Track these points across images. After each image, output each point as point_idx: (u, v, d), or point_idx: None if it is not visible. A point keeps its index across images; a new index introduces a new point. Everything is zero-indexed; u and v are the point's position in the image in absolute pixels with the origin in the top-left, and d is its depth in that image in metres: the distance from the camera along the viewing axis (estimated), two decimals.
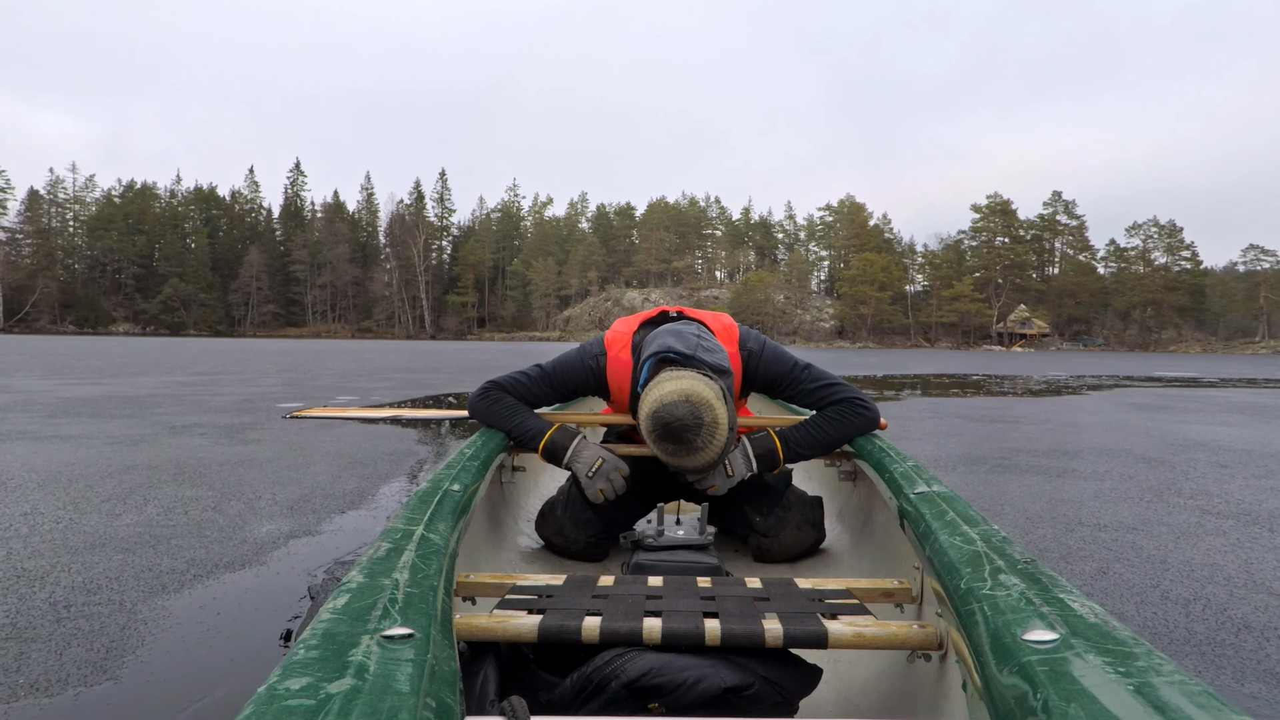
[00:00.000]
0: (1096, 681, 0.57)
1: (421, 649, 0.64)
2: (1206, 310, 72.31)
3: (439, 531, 1.02)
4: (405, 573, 0.83)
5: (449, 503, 1.17)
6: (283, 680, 0.57)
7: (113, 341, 41.98)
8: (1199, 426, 6.75)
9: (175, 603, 2.03)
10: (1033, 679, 0.60)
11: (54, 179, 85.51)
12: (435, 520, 1.06)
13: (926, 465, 4.44)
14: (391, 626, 0.68)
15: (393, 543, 0.94)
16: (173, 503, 3.18)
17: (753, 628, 0.97)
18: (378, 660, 0.61)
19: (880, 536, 1.65)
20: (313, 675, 0.58)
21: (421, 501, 1.15)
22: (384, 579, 0.80)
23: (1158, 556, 2.58)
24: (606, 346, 1.79)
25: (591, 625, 0.98)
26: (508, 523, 1.96)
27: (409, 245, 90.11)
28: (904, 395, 10.36)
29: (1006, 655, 0.66)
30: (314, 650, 0.63)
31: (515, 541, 1.89)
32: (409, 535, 0.97)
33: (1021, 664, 0.63)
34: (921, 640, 0.99)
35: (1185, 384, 14.32)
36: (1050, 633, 0.67)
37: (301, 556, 2.47)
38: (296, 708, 0.53)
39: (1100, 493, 3.69)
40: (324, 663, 0.60)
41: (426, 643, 0.66)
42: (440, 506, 1.13)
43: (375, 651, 0.63)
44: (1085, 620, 0.69)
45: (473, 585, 1.21)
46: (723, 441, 1.47)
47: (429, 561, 0.89)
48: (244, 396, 8.46)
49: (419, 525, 1.02)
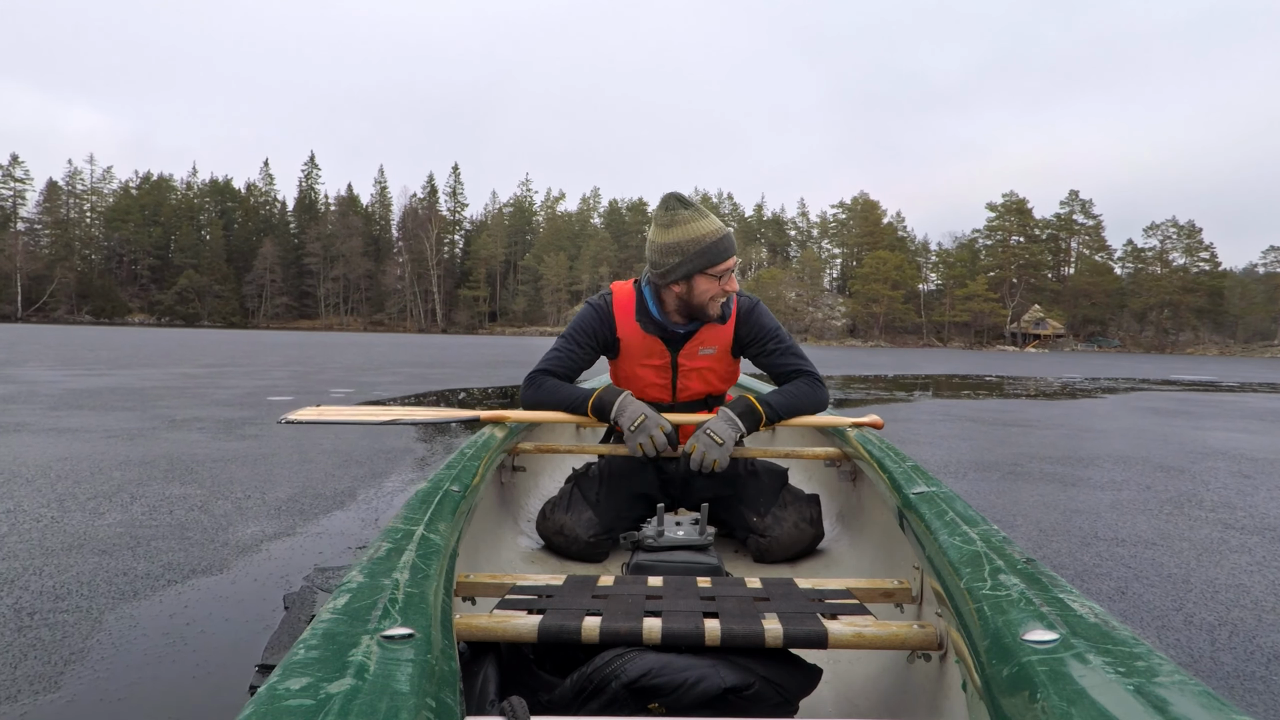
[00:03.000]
0: (1096, 681, 0.57)
1: (421, 649, 0.64)
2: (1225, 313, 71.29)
3: (439, 531, 1.02)
4: (405, 573, 0.83)
5: (449, 503, 1.17)
6: (283, 680, 0.57)
7: (127, 332, 42.33)
8: (1219, 433, 6.57)
9: (144, 611, 1.94)
10: (1032, 679, 0.59)
11: (72, 170, 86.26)
12: (435, 520, 1.06)
13: (937, 471, 4.34)
14: (391, 626, 0.68)
15: (393, 543, 0.94)
16: (159, 501, 3.11)
17: (753, 628, 0.97)
18: (378, 660, 0.61)
19: (880, 536, 1.64)
20: (313, 675, 0.58)
21: (421, 501, 1.15)
22: (384, 579, 0.80)
23: (1179, 576, 2.45)
24: (612, 290, 1.93)
25: (591, 625, 0.97)
26: (508, 523, 1.94)
27: (421, 239, 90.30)
28: (916, 396, 10.20)
29: (1006, 655, 0.65)
30: (314, 650, 0.62)
31: (515, 541, 1.88)
32: (409, 535, 0.97)
33: (1021, 664, 0.62)
34: (921, 640, 0.98)
35: (1203, 388, 14.06)
36: (1050, 633, 0.66)
37: (282, 561, 2.38)
38: (296, 708, 0.53)
39: (1117, 503, 3.55)
40: (324, 663, 0.60)
41: (426, 643, 0.66)
42: (440, 506, 1.13)
43: (375, 651, 0.62)
44: (1085, 620, 0.68)
45: (473, 585, 1.20)
46: (719, 226, 1.73)
47: (429, 561, 0.89)
48: (248, 390, 8.43)
49: (419, 525, 1.02)
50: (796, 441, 2.56)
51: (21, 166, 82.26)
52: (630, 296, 1.89)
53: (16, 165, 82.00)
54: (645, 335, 1.86)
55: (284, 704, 0.53)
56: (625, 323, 1.87)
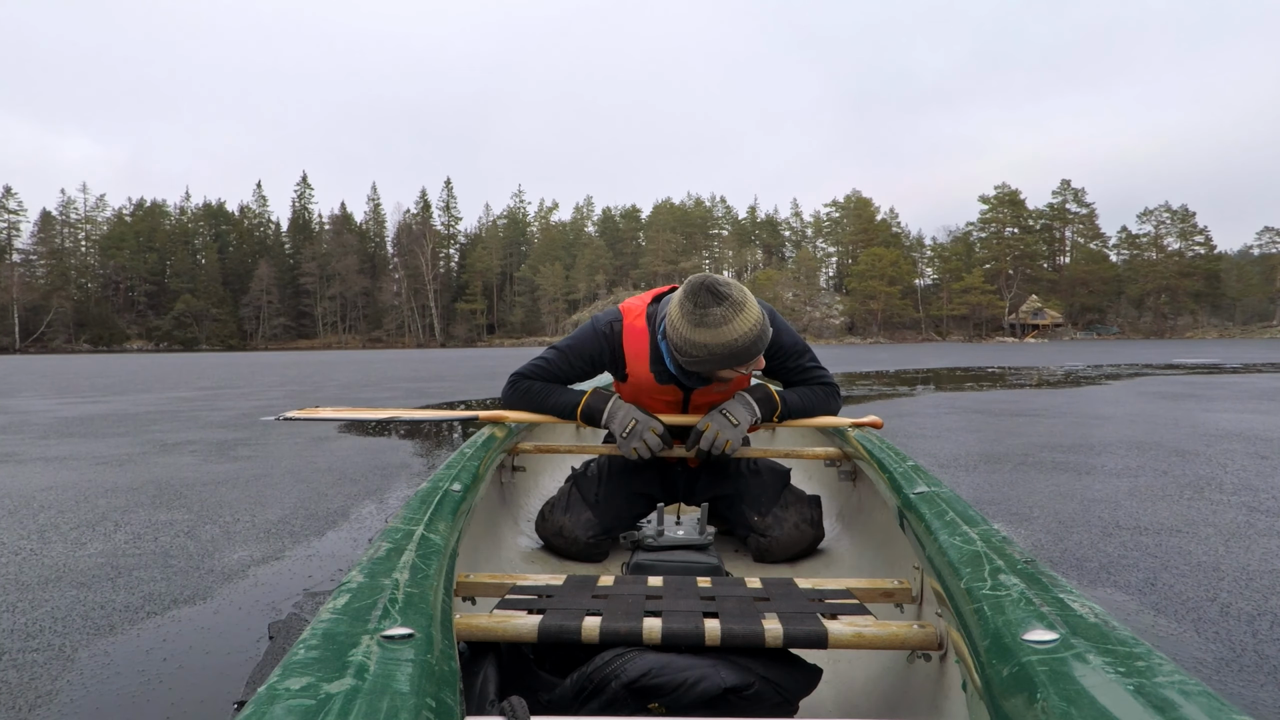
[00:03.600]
0: (1096, 681, 0.57)
1: (421, 649, 0.64)
2: (1222, 295, 71.28)
3: (439, 531, 1.02)
4: (405, 573, 0.83)
5: (449, 503, 1.17)
6: (283, 680, 0.57)
7: (125, 359, 42.20)
8: (1229, 415, 6.46)
9: (120, 647, 1.83)
10: (1032, 679, 0.59)
11: (65, 200, 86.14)
12: (435, 520, 1.06)
13: (945, 464, 4.23)
14: (391, 626, 0.67)
15: (393, 543, 0.94)
16: (144, 529, 2.99)
17: (753, 628, 0.97)
18: (378, 660, 0.61)
19: (880, 536, 1.64)
20: (313, 675, 0.57)
21: (421, 501, 1.14)
22: (384, 579, 0.80)
23: (1209, 563, 2.34)
24: (623, 313, 1.77)
25: (591, 625, 0.97)
26: (508, 523, 1.94)
27: (417, 254, 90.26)
28: (918, 390, 10.09)
29: (1006, 655, 0.65)
30: (314, 650, 0.62)
31: (515, 541, 1.87)
32: (409, 535, 0.97)
33: (1021, 664, 0.62)
34: (921, 640, 0.98)
35: (1207, 370, 13.96)
36: (1050, 633, 0.66)
37: (269, 588, 2.27)
38: (296, 708, 0.53)
39: (1135, 490, 3.44)
40: (324, 663, 0.60)
41: (426, 643, 0.65)
42: (440, 506, 1.13)
43: (375, 651, 0.62)
44: (1085, 620, 0.68)
45: (473, 585, 1.20)
46: (753, 326, 1.52)
47: (429, 561, 0.89)
48: (243, 411, 8.32)
49: (419, 525, 1.02)
50: (797, 441, 2.56)
51: (15, 198, 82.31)
52: (644, 337, 1.75)
53: (10, 197, 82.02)
54: (656, 382, 1.76)
55: (284, 704, 0.53)
56: (636, 364, 1.76)
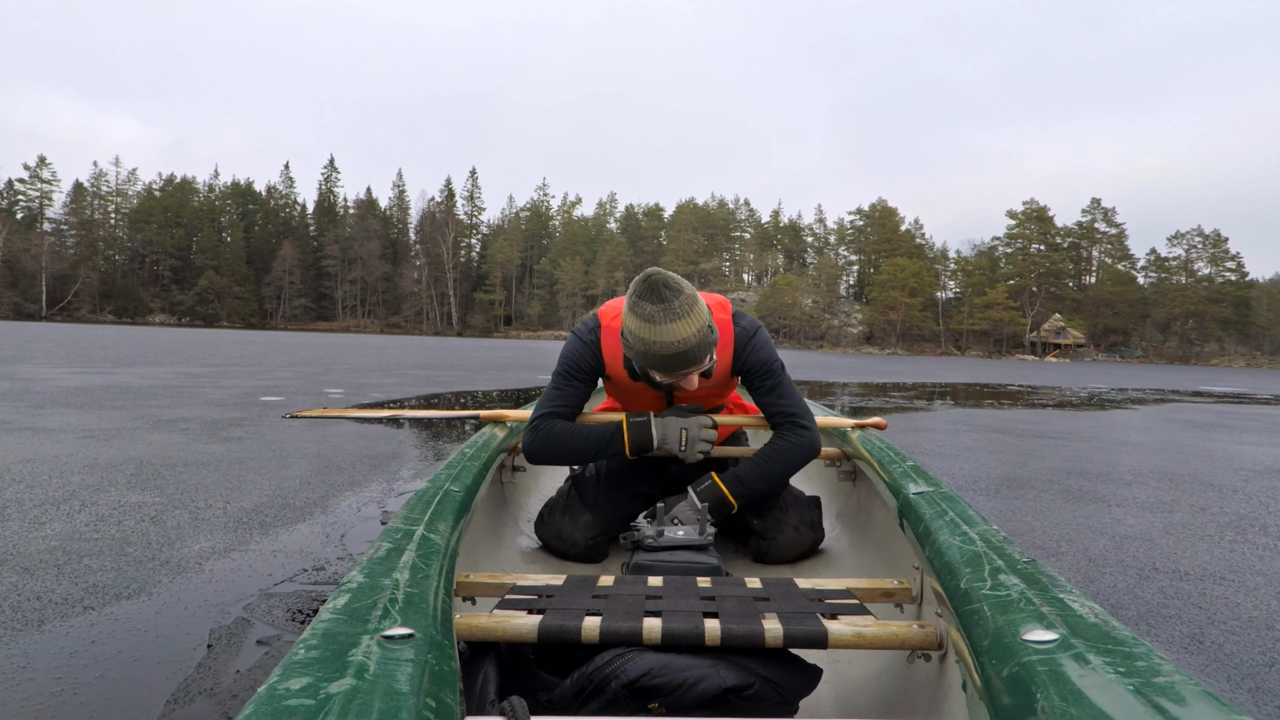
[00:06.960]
0: (1096, 682, 0.57)
1: (421, 649, 0.64)
2: (1251, 323, 69.66)
3: (439, 531, 1.01)
4: (405, 573, 0.83)
5: (449, 503, 1.16)
6: (283, 680, 0.56)
7: (146, 331, 42.62)
8: (1266, 449, 6.14)
9: (42, 646, 1.66)
10: (1032, 679, 0.59)
11: (98, 172, 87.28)
12: (435, 520, 1.06)
13: (964, 487, 3.98)
14: (391, 626, 0.67)
15: (393, 543, 0.93)
16: (110, 510, 2.83)
17: (753, 628, 0.96)
18: (378, 660, 0.60)
19: (880, 536, 1.63)
20: (313, 675, 0.57)
21: (422, 502, 1.14)
22: (384, 579, 0.80)
23: (1262, 620, 2.09)
24: (600, 317, 1.74)
25: (591, 625, 0.96)
26: (508, 523, 1.93)
27: (439, 242, 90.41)
28: (936, 405, 9.80)
29: (1006, 655, 0.65)
30: (314, 650, 0.62)
31: (515, 542, 1.87)
32: (409, 535, 0.97)
33: (1021, 664, 0.62)
34: (921, 640, 0.97)
35: (1235, 400, 13.51)
36: (1050, 633, 0.66)
37: (222, 586, 2.09)
38: (296, 708, 0.52)
39: (1171, 528, 3.19)
40: (324, 663, 0.59)
41: (426, 643, 0.65)
42: (440, 506, 1.13)
43: (375, 651, 0.62)
44: (1085, 620, 0.68)
45: (473, 585, 1.19)
46: (701, 326, 1.47)
47: (429, 561, 0.89)
48: (245, 390, 8.21)
49: (419, 525, 1.02)
50: None
51: (49, 168, 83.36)
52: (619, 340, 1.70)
53: (44, 166, 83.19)
54: (633, 383, 1.72)
55: (284, 704, 0.53)
56: (614, 367, 1.73)
